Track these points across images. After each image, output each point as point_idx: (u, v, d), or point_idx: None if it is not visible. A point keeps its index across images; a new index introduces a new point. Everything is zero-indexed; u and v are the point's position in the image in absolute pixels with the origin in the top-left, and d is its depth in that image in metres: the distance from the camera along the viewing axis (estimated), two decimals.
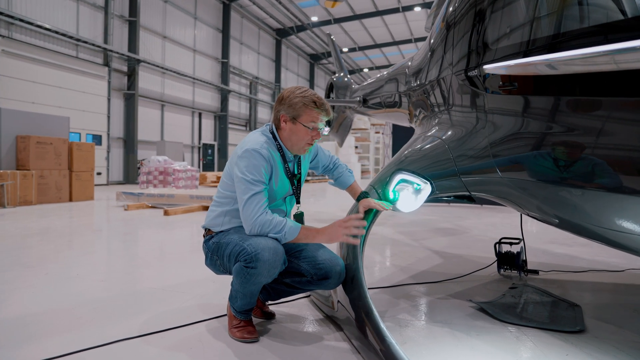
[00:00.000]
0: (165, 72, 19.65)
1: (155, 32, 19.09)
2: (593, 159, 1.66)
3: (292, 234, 2.10)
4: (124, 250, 4.50)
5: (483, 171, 2.23)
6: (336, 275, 2.21)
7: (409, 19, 26.76)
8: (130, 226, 6.17)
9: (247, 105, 27.22)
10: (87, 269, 3.62)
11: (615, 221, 1.69)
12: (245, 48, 26.42)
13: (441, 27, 2.85)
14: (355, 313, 2.10)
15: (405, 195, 2.61)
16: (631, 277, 3.70)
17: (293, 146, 2.28)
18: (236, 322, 2.24)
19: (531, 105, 1.92)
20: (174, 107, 20.62)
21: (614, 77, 1.51)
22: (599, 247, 4.97)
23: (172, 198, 8.32)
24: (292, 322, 2.47)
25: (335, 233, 2.11)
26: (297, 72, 33.38)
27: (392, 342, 1.80)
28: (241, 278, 2.10)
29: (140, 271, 3.59)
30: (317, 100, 2.21)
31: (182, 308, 2.67)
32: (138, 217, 7.15)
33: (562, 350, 2.16)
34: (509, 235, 6.03)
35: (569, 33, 1.73)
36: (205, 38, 22.64)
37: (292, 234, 2.10)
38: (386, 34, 29.52)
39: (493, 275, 3.62)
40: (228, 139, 24.29)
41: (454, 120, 2.60)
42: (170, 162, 11.42)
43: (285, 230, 2.09)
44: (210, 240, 2.32)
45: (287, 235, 2.09)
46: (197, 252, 4.50)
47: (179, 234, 5.64)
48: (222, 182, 2.37)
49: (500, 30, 2.08)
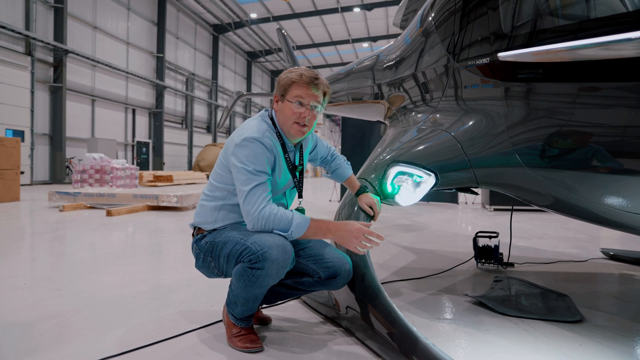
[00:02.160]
0: (96, 65, 18.39)
1: (84, 22, 17.78)
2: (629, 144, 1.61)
3: (301, 230, 1.88)
4: (73, 255, 4.03)
5: (502, 163, 2.14)
6: (345, 274, 2.03)
7: (348, 19, 27.06)
8: (72, 228, 5.60)
9: (184, 102, 26.20)
10: (34, 277, 3.18)
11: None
12: (182, 43, 25.42)
13: (438, 16, 2.76)
14: (373, 314, 1.94)
15: (405, 188, 2.49)
16: (595, 266, 3.85)
17: (283, 127, 2.04)
18: (236, 331, 2.00)
19: (556, 92, 1.86)
20: (106, 102, 19.35)
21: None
22: (556, 239, 5.18)
23: (114, 198, 7.71)
24: (292, 327, 2.25)
25: (349, 239, 1.89)
26: (235, 70, 32.69)
27: (428, 342, 1.66)
28: (244, 281, 1.86)
29: (99, 277, 3.20)
30: (304, 73, 1.98)
31: (161, 318, 2.37)
32: (77, 218, 6.53)
33: (574, 340, 2.13)
34: (466, 230, 6.20)
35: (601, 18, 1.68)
36: (139, 31, 21.48)
37: (300, 230, 1.88)
38: (324, 34, 29.68)
39: (473, 269, 3.61)
40: (164, 136, 23.24)
41: (460, 111, 2.51)
42: (107, 159, 10.62)
43: (293, 225, 1.87)
44: (203, 240, 2.06)
45: (295, 232, 1.87)
46: (157, 254, 4.14)
47: (129, 235, 5.19)
48: (214, 173, 2.11)
49: (520, 16, 2.01)
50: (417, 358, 1.64)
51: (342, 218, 2.64)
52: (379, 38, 29.54)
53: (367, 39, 29.87)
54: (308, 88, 1.96)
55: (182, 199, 7.57)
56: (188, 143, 26.68)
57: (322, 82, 2.01)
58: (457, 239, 5.35)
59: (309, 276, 2.04)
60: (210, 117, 29.52)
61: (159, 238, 4.96)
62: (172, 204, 7.54)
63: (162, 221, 6.39)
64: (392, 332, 1.81)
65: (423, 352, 1.63)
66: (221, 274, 2.03)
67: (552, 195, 2.02)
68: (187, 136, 26.57)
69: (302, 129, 2.01)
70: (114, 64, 19.18)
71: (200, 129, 28.67)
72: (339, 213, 2.72)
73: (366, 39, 29.89)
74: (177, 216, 6.95)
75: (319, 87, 1.99)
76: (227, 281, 2.97)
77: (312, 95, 1.97)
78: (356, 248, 1.89)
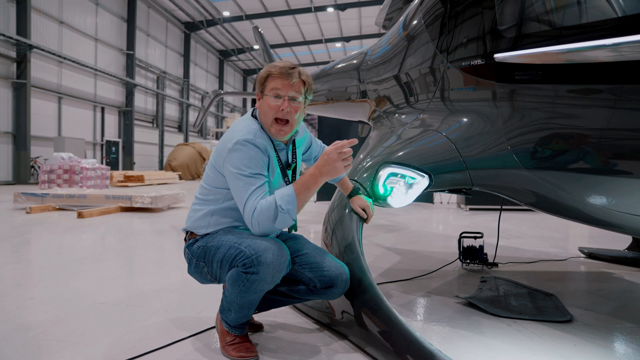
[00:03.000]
0: (62, 62, 17.75)
1: (50, 16, 17.11)
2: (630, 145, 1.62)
3: (293, 204, 1.76)
4: (45, 260, 3.84)
5: (499, 164, 2.13)
6: (342, 283, 1.96)
7: (321, 19, 27.08)
8: (41, 231, 5.36)
9: (154, 100, 25.64)
10: (4, 285, 3.00)
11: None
12: (153, 40, 24.88)
13: (429, 15, 2.74)
14: (372, 320, 1.90)
15: (398, 189, 2.46)
16: (574, 264, 3.93)
17: (265, 126, 1.95)
18: (230, 339, 1.92)
19: (557, 94, 1.86)
20: (74, 100, 18.69)
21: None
22: (533, 238, 5.28)
23: (85, 199, 7.43)
24: (285, 333, 2.19)
25: (334, 167, 1.78)
26: (207, 68, 32.25)
27: (434, 349, 1.62)
28: (239, 286, 1.79)
29: (75, 284, 3.05)
30: (278, 64, 1.89)
31: (147, 326, 2.26)
32: (46, 220, 6.26)
33: (567, 340, 2.15)
34: (445, 230, 6.25)
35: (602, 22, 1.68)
36: (108, 27, 20.87)
37: (292, 204, 1.76)
38: (297, 33, 29.61)
39: (458, 270, 3.62)
40: (134, 136, 22.67)
41: (454, 112, 2.49)
42: (76, 159, 10.24)
43: (282, 206, 1.74)
44: (195, 245, 1.97)
45: (287, 207, 1.75)
46: (135, 258, 4.00)
47: (103, 238, 4.99)
48: (206, 176, 2.03)
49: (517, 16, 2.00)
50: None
51: (333, 221, 2.59)
52: (351, 38, 29.66)
53: (340, 39, 29.96)
54: (283, 78, 1.87)
55: (157, 199, 7.38)
56: (159, 142, 26.13)
57: (299, 70, 1.91)
58: (437, 239, 5.38)
59: (304, 284, 1.97)
60: (181, 116, 29.01)
61: (135, 241, 4.80)
62: (146, 205, 7.33)
63: (136, 223, 6.19)
64: (395, 339, 1.77)
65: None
66: (214, 279, 1.95)
67: (551, 198, 2.02)
68: (158, 135, 26.02)
69: (282, 128, 1.91)
70: (82, 61, 18.57)
71: (172, 128, 28.13)
72: (329, 215, 2.67)
73: (339, 39, 29.97)
74: (151, 218, 6.75)
75: (293, 76, 1.87)
76: (213, 286, 2.88)
77: (288, 85, 1.87)
78: (345, 167, 1.82)
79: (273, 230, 1.82)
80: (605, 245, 4.65)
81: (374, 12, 25.96)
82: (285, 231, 2.17)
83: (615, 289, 3.16)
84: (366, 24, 27.90)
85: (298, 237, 2.13)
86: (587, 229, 6.19)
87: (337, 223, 2.53)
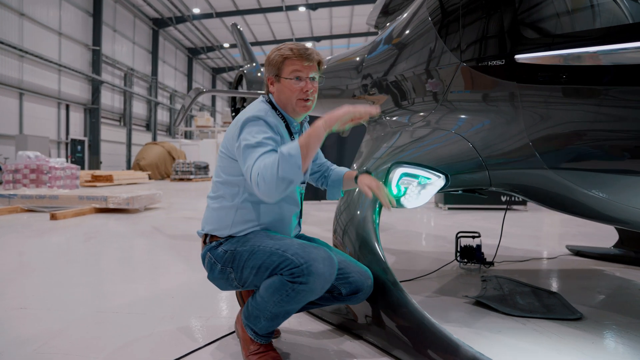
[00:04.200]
0: (23, 56, 16.96)
1: (9, 7, 16.27)
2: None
3: (296, 149, 1.57)
4: (26, 266, 3.60)
5: (523, 165, 2.11)
6: (368, 289, 1.92)
7: (292, 18, 26.99)
8: (13, 234, 5.07)
9: (122, 98, 24.89)
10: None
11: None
12: (120, 36, 24.14)
13: (437, 13, 2.71)
14: (401, 323, 1.85)
15: (412, 190, 2.42)
16: (565, 262, 4.00)
17: (287, 107, 1.90)
18: (255, 348, 1.82)
19: (583, 95, 1.86)
20: (36, 96, 17.90)
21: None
22: (518, 237, 5.36)
23: (56, 200, 7.10)
24: (304, 339, 2.11)
25: (337, 113, 1.62)
26: (175, 66, 31.61)
27: (470, 349, 1.59)
28: (280, 295, 1.68)
29: (67, 291, 2.87)
30: (294, 47, 1.85)
31: (157, 336, 2.13)
32: (16, 223, 5.94)
33: (585, 339, 2.16)
34: (432, 229, 6.28)
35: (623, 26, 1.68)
36: (73, 21, 20.10)
37: (295, 149, 1.57)
38: (268, 32, 29.42)
39: (456, 269, 3.62)
40: (100, 134, 21.94)
41: (469, 112, 2.46)
42: (43, 158, 9.78)
43: (283, 151, 1.57)
44: (219, 248, 1.85)
45: (292, 155, 1.56)
46: (123, 262, 3.82)
47: (83, 241, 4.75)
48: (218, 169, 1.94)
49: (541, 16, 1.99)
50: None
51: (343, 222, 2.53)
52: (322, 38, 29.70)
53: (310, 38, 29.93)
54: (302, 60, 1.83)
55: (133, 200, 7.12)
56: (127, 141, 25.39)
57: (313, 51, 1.88)
58: (428, 238, 5.40)
59: (328, 291, 1.89)
60: (149, 115, 28.29)
61: (118, 243, 4.59)
62: (122, 205, 7.06)
63: (115, 225, 5.95)
64: (430, 341, 1.72)
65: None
66: (240, 286, 1.84)
67: (574, 198, 2.02)
68: (125, 134, 25.28)
69: (306, 104, 1.88)
70: (45, 55, 17.83)
71: (140, 127, 27.39)
72: (339, 216, 2.61)
73: (310, 38, 29.94)
74: (129, 219, 6.51)
75: (312, 58, 1.85)
76: (214, 291, 2.77)
77: (307, 67, 1.84)
78: (346, 112, 1.62)
79: (277, 188, 1.58)
80: (587, 243, 4.77)
81: (345, 12, 26.11)
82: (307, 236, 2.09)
83: (611, 286, 3.23)
84: (337, 24, 27.98)
85: (316, 240, 2.06)
86: (567, 228, 6.36)
87: (349, 224, 2.47)
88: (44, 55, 17.81)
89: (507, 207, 3.58)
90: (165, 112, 31.03)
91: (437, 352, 1.68)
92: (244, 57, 8.39)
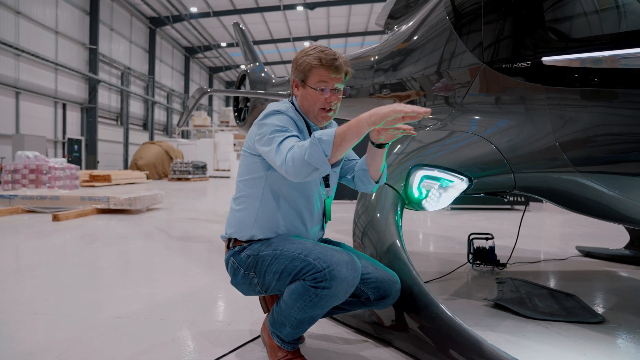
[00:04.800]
0: (20, 55, 16.82)
1: (5, 5, 16.12)
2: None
3: (329, 136, 1.52)
4: (33, 269, 3.54)
5: (550, 167, 2.09)
6: (396, 293, 1.88)
7: (289, 17, 26.91)
8: (16, 236, 5.01)
9: (119, 97, 24.75)
10: None
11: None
12: (117, 35, 23.99)
13: (457, 13, 2.68)
14: (430, 327, 1.82)
15: (435, 193, 2.39)
16: (576, 264, 3.99)
17: (308, 113, 1.87)
18: (282, 355, 1.79)
19: (613, 98, 1.84)
20: (33, 95, 17.75)
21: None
22: (525, 237, 5.34)
23: (57, 200, 7.02)
24: (330, 345, 2.07)
25: (382, 110, 1.45)
26: (172, 65, 31.47)
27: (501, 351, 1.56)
28: (304, 301, 1.65)
29: (79, 295, 2.82)
30: (324, 57, 1.78)
31: (178, 342, 2.09)
32: (18, 224, 5.87)
33: (611, 342, 2.15)
34: (438, 230, 6.26)
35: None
36: (69, 19, 19.95)
37: (329, 136, 1.52)
38: (265, 32, 29.32)
39: (469, 271, 3.60)
40: (97, 133, 21.80)
41: (493, 114, 2.43)
42: (43, 158, 9.68)
43: (316, 135, 1.52)
44: (242, 253, 1.82)
45: (323, 142, 1.51)
46: (133, 265, 3.77)
47: (89, 243, 4.69)
48: (241, 168, 1.91)
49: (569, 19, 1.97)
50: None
51: (363, 224, 2.50)
52: (319, 37, 29.65)
53: (308, 38, 29.89)
54: (329, 72, 1.78)
55: (136, 201, 7.06)
56: (124, 141, 25.26)
57: (342, 62, 1.82)
58: (435, 240, 5.37)
59: (355, 296, 1.85)
60: (146, 114, 28.15)
61: (125, 246, 4.54)
62: (124, 206, 7.00)
63: (118, 226, 5.89)
64: (461, 347, 1.69)
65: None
66: (264, 291, 1.81)
67: (605, 203, 2.00)
68: (122, 133, 25.15)
69: (327, 114, 1.84)
70: (41, 54, 17.69)
71: (137, 126, 27.25)
72: (358, 218, 2.57)
73: (307, 38, 29.90)
74: (132, 220, 6.45)
75: (340, 70, 1.80)
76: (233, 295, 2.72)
77: (334, 79, 1.79)
78: (394, 109, 1.42)
79: (301, 171, 1.54)
80: (592, 244, 4.77)
81: (343, 11, 26.07)
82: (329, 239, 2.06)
83: (626, 288, 3.22)
84: (334, 23, 27.95)
85: (342, 244, 2.03)
86: (571, 228, 6.36)
87: (369, 226, 2.44)
88: (41, 54, 17.68)
89: (525, 208, 3.55)
90: (162, 112, 30.89)
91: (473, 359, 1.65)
92: (247, 57, 8.32)
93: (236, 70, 38.45)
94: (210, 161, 23.69)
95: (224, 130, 28.08)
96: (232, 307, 2.59)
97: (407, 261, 2.06)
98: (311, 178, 1.58)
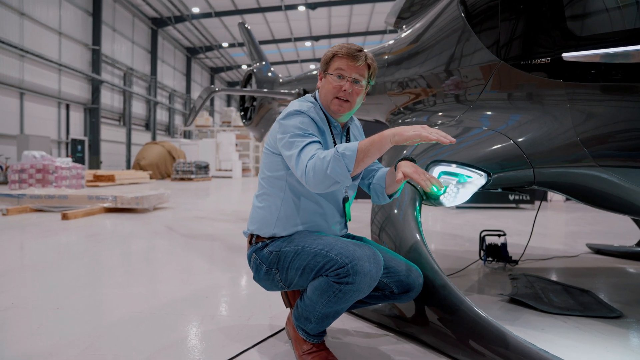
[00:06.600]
0: (24, 55, 16.85)
1: (9, 7, 16.15)
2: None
3: (352, 151, 1.54)
4: (50, 266, 3.54)
5: (571, 162, 2.11)
6: (419, 287, 1.89)
7: (291, 17, 26.89)
8: (28, 234, 5.03)
9: (121, 98, 24.78)
10: (20, 295, 2.76)
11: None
12: (119, 36, 24.03)
13: (473, 9, 2.69)
14: (454, 320, 1.84)
15: (453, 188, 2.40)
16: (587, 260, 4.00)
17: (324, 104, 1.88)
18: (307, 347, 1.81)
19: (635, 93, 1.85)
20: (37, 96, 17.79)
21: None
22: (535, 235, 5.35)
23: (66, 199, 7.05)
24: (352, 339, 2.09)
25: (406, 129, 1.49)
26: (174, 66, 31.49)
27: (538, 348, 1.58)
28: (328, 296, 1.66)
29: (97, 291, 2.84)
30: (346, 46, 1.82)
31: (202, 337, 2.11)
32: (27, 223, 5.89)
33: (630, 337, 2.16)
34: (446, 227, 6.27)
35: None
36: (72, 20, 19.98)
37: (352, 151, 1.54)
38: (266, 32, 29.29)
39: (481, 267, 3.62)
40: (100, 134, 21.84)
41: (508, 109, 2.45)
42: (49, 158, 9.71)
43: (339, 150, 1.54)
44: (265, 250, 1.84)
45: (346, 156, 1.53)
46: (147, 262, 3.79)
47: (100, 241, 4.71)
48: (262, 166, 1.93)
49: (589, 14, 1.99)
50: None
51: (379, 221, 2.52)
52: (321, 37, 29.64)
53: (309, 38, 29.89)
54: (349, 59, 1.80)
55: (143, 200, 7.08)
56: (126, 141, 25.29)
57: (365, 54, 1.83)
58: (445, 237, 5.37)
59: (379, 290, 1.87)
60: (149, 114, 28.18)
61: (136, 244, 4.56)
62: (132, 205, 7.03)
63: (127, 225, 5.91)
64: (487, 339, 1.71)
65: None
66: (286, 287, 1.83)
67: (627, 198, 2.02)
68: (125, 134, 25.18)
69: (342, 104, 1.83)
70: (45, 55, 17.72)
71: (139, 127, 27.29)
72: (375, 215, 2.59)
73: (308, 38, 29.90)
74: (140, 219, 6.47)
75: (360, 58, 1.80)
76: (252, 288, 2.76)
77: (353, 67, 1.80)
78: (419, 134, 1.46)
79: (322, 183, 1.57)
80: (600, 241, 4.78)
81: (344, 11, 26.07)
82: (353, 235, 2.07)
83: (637, 284, 3.23)
84: (335, 23, 27.94)
85: (364, 239, 2.04)
86: (579, 226, 6.37)
87: (387, 221, 2.46)
88: (44, 54, 17.71)
89: (539, 205, 3.56)
90: (164, 112, 30.92)
91: (499, 351, 1.67)
92: (252, 57, 8.32)
93: (237, 70, 38.48)
94: (213, 161, 23.71)
95: (226, 130, 28.09)
96: (250, 303, 2.61)
97: (429, 255, 2.08)
98: (331, 190, 1.61)
